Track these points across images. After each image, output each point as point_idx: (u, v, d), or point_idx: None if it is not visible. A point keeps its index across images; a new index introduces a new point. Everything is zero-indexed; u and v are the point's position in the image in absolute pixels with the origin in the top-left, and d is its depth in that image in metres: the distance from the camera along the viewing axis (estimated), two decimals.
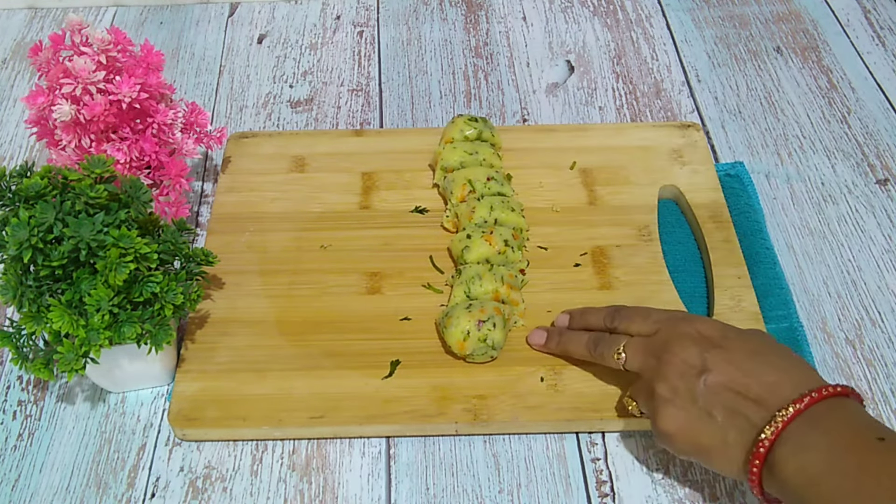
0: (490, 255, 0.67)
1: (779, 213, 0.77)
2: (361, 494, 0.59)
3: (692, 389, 0.52)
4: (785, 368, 0.51)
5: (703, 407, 0.51)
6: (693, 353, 0.53)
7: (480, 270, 0.66)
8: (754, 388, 0.50)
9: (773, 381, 0.50)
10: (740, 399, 0.50)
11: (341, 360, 0.64)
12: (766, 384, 0.50)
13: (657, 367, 0.54)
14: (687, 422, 0.52)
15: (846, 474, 0.45)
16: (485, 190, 0.71)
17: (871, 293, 0.70)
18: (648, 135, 0.81)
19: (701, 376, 0.52)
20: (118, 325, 0.56)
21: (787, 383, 0.49)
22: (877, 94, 0.88)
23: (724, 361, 0.52)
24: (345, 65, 0.93)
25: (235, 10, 1.01)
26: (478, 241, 0.67)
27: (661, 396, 0.53)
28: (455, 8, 1.01)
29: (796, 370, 0.51)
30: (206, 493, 0.59)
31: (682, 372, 0.53)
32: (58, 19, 1.00)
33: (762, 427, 0.48)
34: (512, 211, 0.70)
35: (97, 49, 0.65)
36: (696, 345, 0.53)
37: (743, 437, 0.50)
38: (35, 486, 0.60)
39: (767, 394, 0.49)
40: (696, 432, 0.52)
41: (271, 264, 0.71)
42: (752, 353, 0.52)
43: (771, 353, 0.52)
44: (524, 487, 0.59)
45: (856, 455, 0.45)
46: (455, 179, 0.72)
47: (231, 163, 0.79)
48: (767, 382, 0.50)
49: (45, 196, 0.56)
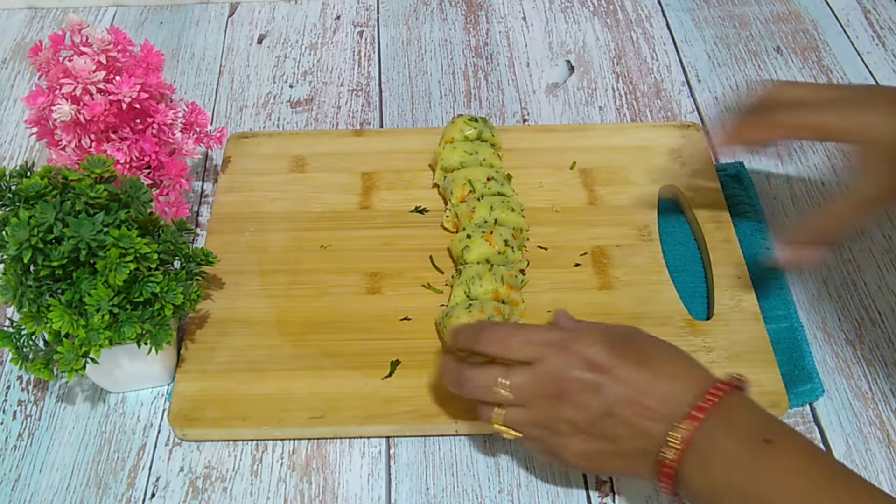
0: (490, 255, 0.67)
1: (779, 213, 0.77)
2: (361, 494, 0.59)
3: (595, 421, 0.51)
4: (674, 374, 0.51)
5: (608, 434, 0.51)
6: (589, 385, 0.51)
7: (480, 270, 0.66)
8: (651, 404, 0.50)
9: (668, 393, 0.50)
10: (640, 420, 0.50)
11: (341, 360, 0.64)
12: (661, 397, 0.50)
13: (553, 404, 0.52)
14: (595, 451, 0.52)
15: (741, 488, 0.47)
16: (485, 190, 0.71)
17: (871, 293, 0.70)
18: (648, 135, 0.81)
19: (601, 407, 0.51)
20: (118, 325, 0.56)
21: (680, 392, 0.50)
22: None
23: (618, 385, 0.51)
24: (345, 65, 0.93)
25: (235, 10, 1.01)
26: (478, 241, 0.67)
27: (562, 432, 0.53)
28: (455, 8, 1.01)
29: (685, 373, 0.51)
30: (206, 493, 0.59)
31: (582, 405, 0.51)
32: (58, 19, 1.00)
33: (662, 446, 0.49)
34: (512, 211, 0.70)
35: (97, 49, 0.65)
36: (589, 373, 0.51)
37: (646, 456, 0.51)
38: (35, 486, 0.60)
39: (664, 406, 0.50)
40: (605, 459, 0.53)
41: (271, 264, 0.71)
42: (642, 363, 0.51)
43: (658, 359, 0.52)
44: (524, 487, 0.59)
45: (747, 465, 0.47)
46: (455, 179, 0.72)
47: (231, 163, 0.79)
48: (663, 395, 0.50)
49: (45, 196, 0.56)
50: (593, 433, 0.52)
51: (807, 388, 0.63)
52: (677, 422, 0.49)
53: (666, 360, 0.52)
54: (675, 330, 0.65)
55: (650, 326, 0.65)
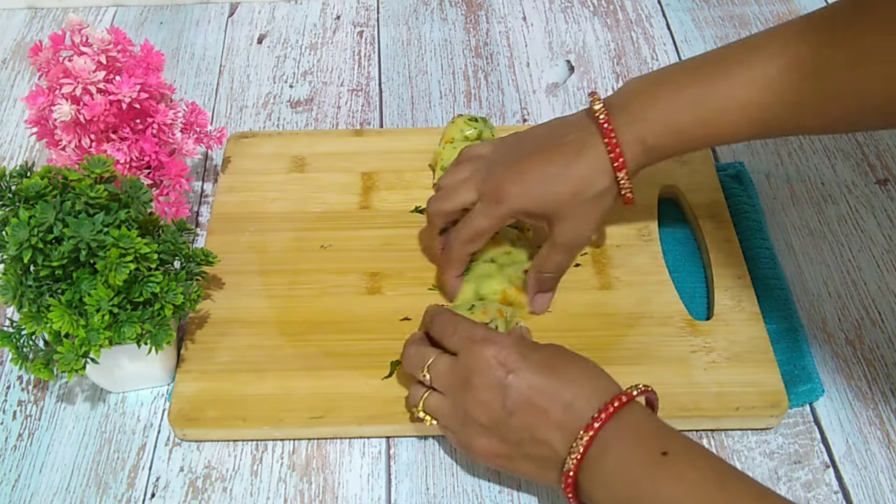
0: (495, 254, 0.67)
1: (779, 213, 0.77)
2: (361, 494, 0.59)
3: (498, 420, 0.53)
4: (578, 383, 0.52)
5: (511, 436, 0.53)
6: (495, 384, 0.53)
7: (490, 270, 0.66)
8: (552, 410, 0.51)
9: (569, 400, 0.51)
10: (541, 426, 0.51)
11: (341, 360, 0.64)
12: (562, 404, 0.51)
13: (463, 397, 0.54)
14: (500, 451, 0.54)
15: (639, 499, 0.47)
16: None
17: (871, 293, 0.70)
18: None
19: (504, 407, 0.52)
20: (118, 325, 0.56)
21: (581, 399, 0.51)
22: None
23: (522, 386, 0.52)
24: (345, 65, 0.93)
25: (235, 10, 1.01)
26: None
27: (470, 426, 0.54)
28: (455, 8, 1.01)
29: (588, 383, 0.52)
30: (206, 493, 0.59)
31: (486, 403, 0.53)
32: (58, 19, 1.00)
33: (565, 457, 0.50)
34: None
35: (97, 49, 0.65)
36: (497, 372, 0.53)
37: (549, 464, 0.52)
38: (35, 486, 0.60)
39: (564, 415, 0.51)
40: (511, 460, 0.54)
41: (271, 264, 0.71)
42: (548, 369, 0.52)
43: (566, 368, 0.53)
44: (524, 487, 0.59)
45: (645, 477, 0.48)
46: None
47: (231, 163, 0.79)
48: (564, 402, 0.51)
49: (45, 196, 0.56)
50: (498, 434, 0.53)
51: (807, 388, 0.63)
52: (577, 432, 0.50)
53: (574, 370, 0.53)
54: (675, 330, 0.65)
55: (650, 326, 0.65)
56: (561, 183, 0.61)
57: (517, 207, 0.62)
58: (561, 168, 0.61)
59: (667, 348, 0.64)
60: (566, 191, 0.61)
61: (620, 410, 0.50)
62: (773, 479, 0.59)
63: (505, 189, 0.62)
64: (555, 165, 0.61)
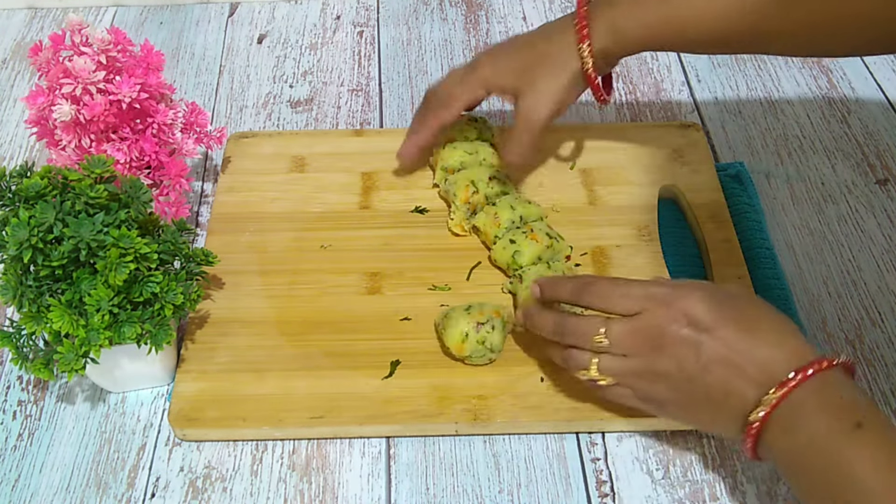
0: (541, 251, 0.67)
1: (779, 213, 0.77)
2: (361, 494, 0.59)
3: (691, 375, 0.53)
4: (775, 343, 0.52)
5: (701, 390, 0.53)
6: (688, 341, 0.53)
7: (542, 270, 0.66)
8: (748, 368, 0.51)
9: (766, 359, 0.51)
10: (734, 380, 0.51)
11: (341, 360, 0.64)
12: (758, 363, 0.51)
13: (651, 356, 0.54)
14: (688, 402, 0.54)
15: (821, 462, 0.47)
16: (488, 190, 0.71)
17: (871, 293, 0.70)
18: (648, 135, 0.81)
19: (698, 363, 0.52)
20: (118, 325, 0.56)
21: (778, 360, 0.50)
22: (877, 94, 0.88)
23: (718, 344, 0.52)
24: (345, 65, 0.93)
25: (235, 10, 1.01)
26: (526, 243, 0.67)
27: (659, 382, 0.54)
28: (455, 8, 1.01)
29: (786, 344, 0.52)
30: (206, 493, 0.59)
31: (679, 360, 0.53)
32: (58, 19, 1.00)
33: (753, 408, 0.50)
34: (529, 203, 0.70)
35: (97, 49, 0.65)
36: (689, 329, 0.53)
37: (736, 415, 0.52)
38: (35, 486, 0.60)
39: (759, 373, 0.51)
40: (696, 410, 0.54)
41: (271, 264, 0.71)
42: (744, 328, 0.52)
43: (761, 326, 0.53)
44: (524, 487, 0.59)
45: (832, 443, 0.47)
46: (457, 181, 0.72)
47: (231, 163, 0.79)
48: (759, 361, 0.51)
49: (45, 196, 0.56)
50: (687, 387, 0.53)
51: None
52: (769, 387, 0.50)
53: (769, 327, 0.53)
54: None
55: None
56: (527, 55, 0.67)
57: (487, 76, 0.69)
58: (531, 43, 0.68)
59: None
60: (530, 62, 0.67)
61: (819, 374, 0.49)
62: (773, 478, 0.59)
63: (480, 61, 0.70)
64: (527, 44, 0.68)
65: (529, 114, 0.67)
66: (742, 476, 0.59)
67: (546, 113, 0.67)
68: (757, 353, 0.51)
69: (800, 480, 0.49)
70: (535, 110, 0.67)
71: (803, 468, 0.49)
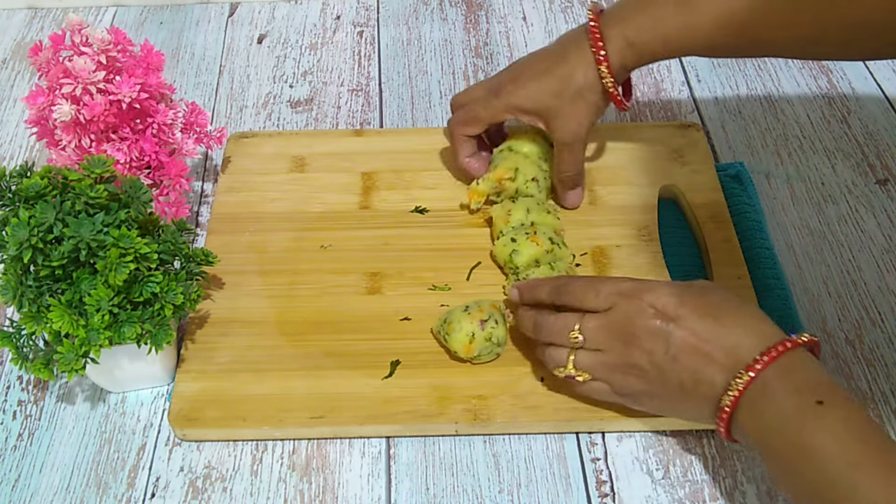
0: (539, 255, 0.67)
1: (779, 213, 0.77)
2: (361, 494, 0.59)
3: (661, 366, 0.55)
4: (741, 327, 0.53)
5: (673, 379, 0.54)
6: (656, 332, 0.54)
7: (545, 271, 0.66)
8: (715, 354, 0.53)
9: (732, 344, 0.53)
10: (704, 367, 0.53)
11: (341, 360, 0.64)
12: (725, 348, 0.53)
13: (623, 349, 0.56)
14: (660, 392, 0.56)
15: (786, 439, 0.49)
16: (522, 186, 0.71)
17: (871, 293, 0.70)
18: (648, 135, 0.81)
19: (667, 353, 0.54)
20: (118, 325, 0.56)
21: (745, 344, 0.52)
22: (877, 94, 0.88)
23: (685, 333, 0.54)
24: (345, 65, 0.93)
25: (235, 10, 1.01)
26: (525, 244, 0.67)
27: (631, 375, 0.56)
28: (455, 8, 1.01)
29: (752, 328, 0.53)
30: (206, 493, 0.59)
31: (649, 351, 0.55)
32: (58, 19, 1.00)
33: (723, 392, 0.52)
34: (548, 213, 0.70)
35: (97, 49, 0.65)
36: (657, 320, 0.55)
37: (707, 401, 0.54)
38: (35, 486, 0.60)
39: (727, 358, 0.52)
40: (669, 400, 0.56)
41: (271, 264, 0.71)
42: (709, 315, 0.54)
43: (726, 312, 0.54)
44: (524, 487, 0.59)
45: (796, 421, 0.49)
46: (505, 159, 0.73)
47: (231, 163, 0.79)
48: (726, 346, 0.53)
49: (45, 196, 0.56)
50: (659, 377, 0.55)
51: None
52: (738, 371, 0.52)
53: (734, 313, 0.54)
54: None
55: None
56: (549, 80, 0.69)
57: (512, 102, 0.70)
58: (550, 66, 0.69)
59: None
60: (553, 88, 0.68)
61: (784, 355, 0.51)
62: (773, 478, 0.59)
63: (502, 86, 0.71)
64: (545, 64, 0.69)
65: (565, 136, 0.70)
66: (742, 476, 0.59)
67: (581, 133, 0.70)
68: (724, 339, 0.53)
69: (770, 459, 0.51)
70: (570, 131, 0.69)
71: (772, 447, 0.50)
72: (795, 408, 0.50)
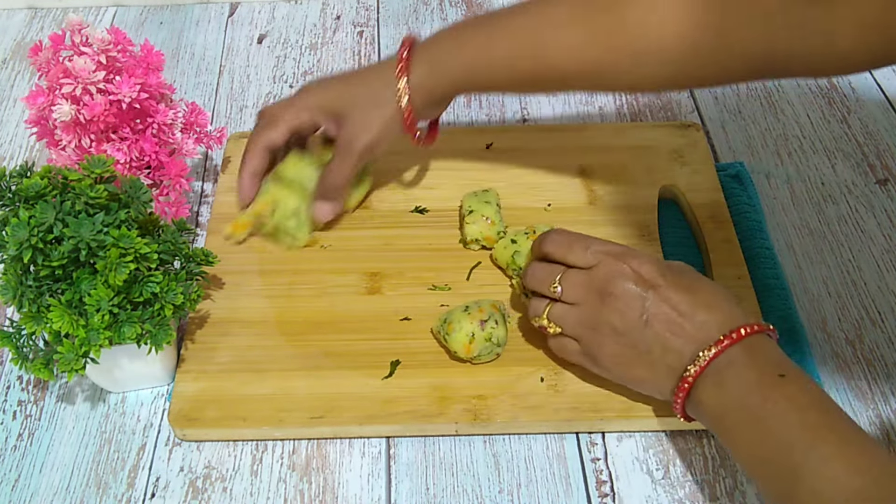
0: None
1: (779, 213, 0.77)
2: (361, 494, 0.59)
3: (633, 328, 0.56)
4: (714, 307, 0.55)
5: (641, 344, 0.56)
6: (634, 295, 0.56)
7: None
8: (687, 326, 0.55)
9: (703, 320, 0.55)
10: (674, 337, 0.55)
11: (341, 360, 0.64)
12: (697, 322, 0.55)
13: (598, 306, 0.57)
14: (626, 356, 0.57)
15: (749, 408, 0.52)
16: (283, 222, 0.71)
17: (871, 293, 0.70)
18: (648, 135, 0.81)
19: (641, 317, 0.56)
20: (118, 325, 0.56)
21: (714, 322, 0.54)
22: (877, 93, 0.88)
23: (661, 302, 0.56)
24: (345, 65, 0.93)
25: (235, 10, 1.01)
26: (526, 244, 0.67)
27: (601, 331, 0.57)
28: (455, 8, 1.01)
29: (722, 308, 0.55)
30: (206, 493, 0.59)
31: (623, 311, 0.56)
32: (58, 19, 1.00)
33: (688, 364, 0.54)
34: None
35: (97, 49, 0.65)
36: (636, 285, 0.56)
37: (671, 372, 0.55)
38: (35, 486, 0.60)
39: (697, 332, 0.55)
40: (633, 366, 0.57)
41: (271, 264, 0.71)
42: (686, 290, 0.56)
43: (701, 290, 0.56)
44: (524, 487, 0.59)
45: (759, 391, 0.52)
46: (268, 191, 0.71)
47: (231, 163, 0.79)
48: (698, 321, 0.55)
49: (45, 196, 0.56)
50: (628, 340, 0.56)
51: None
52: (705, 345, 0.54)
53: (708, 292, 0.56)
54: None
55: None
56: (351, 87, 0.69)
57: (311, 102, 0.69)
58: (357, 77, 0.70)
59: None
60: (353, 93, 0.68)
61: (749, 336, 0.54)
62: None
63: (307, 88, 0.71)
64: (354, 75, 0.71)
65: (344, 141, 0.68)
66: (742, 476, 0.59)
67: (362, 143, 0.68)
68: (696, 314, 0.55)
69: (729, 433, 0.53)
70: (351, 138, 0.68)
71: (733, 420, 0.52)
72: (758, 381, 0.52)
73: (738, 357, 0.53)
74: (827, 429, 0.49)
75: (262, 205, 0.71)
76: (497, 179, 0.76)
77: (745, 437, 0.52)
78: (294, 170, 0.71)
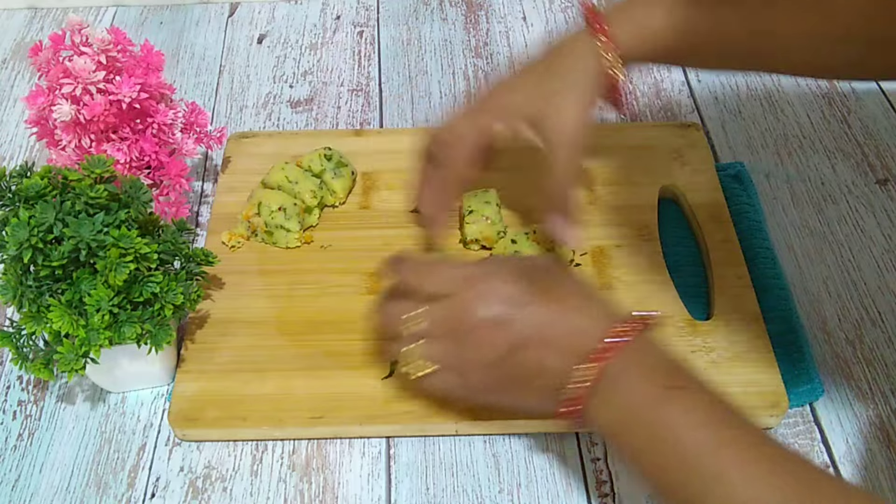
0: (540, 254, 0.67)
1: (779, 213, 0.77)
2: (361, 494, 0.59)
3: (504, 357, 0.52)
4: (585, 313, 0.52)
5: (513, 372, 0.52)
6: (497, 322, 0.52)
7: None
8: (560, 342, 0.51)
9: (576, 331, 0.51)
10: (548, 356, 0.51)
11: (341, 360, 0.64)
12: (571, 334, 0.51)
13: (463, 338, 0.53)
14: (499, 386, 0.54)
15: (638, 432, 0.48)
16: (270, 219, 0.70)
17: (871, 293, 0.70)
18: (648, 135, 0.81)
19: (508, 344, 0.52)
20: (118, 325, 0.56)
21: (590, 332, 0.50)
22: (877, 94, 0.88)
23: (528, 322, 0.52)
24: (345, 65, 0.93)
25: (235, 10, 1.01)
26: (526, 245, 0.67)
27: (472, 366, 0.53)
28: (455, 8, 1.01)
29: (595, 314, 0.52)
30: (206, 493, 0.59)
31: (491, 342, 0.52)
32: (58, 19, 1.00)
33: (568, 384, 0.50)
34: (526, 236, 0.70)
35: (97, 49, 0.65)
36: (498, 308, 0.52)
37: (553, 394, 0.51)
38: (35, 486, 0.60)
39: (571, 346, 0.50)
40: (509, 394, 0.54)
41: (271, 264, 0.71)
42: (553, 301, 0.52)
43: (569, 296, 0.53)
44: (524, 487, 0.59)
45: (645, 411, 0.48)
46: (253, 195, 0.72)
47: (231, 163, 0.79)
48: (571, 334, 0.51)
49: (45, 196, 0.56)
50: (502, 369, 0.53)
51: (807, 388, 0.63)
52: (583, 360, 0.50)
53: (577, 296, 0.53)
54: (675, 330, 0.65)
55: None
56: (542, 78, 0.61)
57: (498, 113, 0.62)
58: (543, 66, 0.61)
59: None
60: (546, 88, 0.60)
61: (630, 343, 0.50)
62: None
63: (488, 97, 0.63)
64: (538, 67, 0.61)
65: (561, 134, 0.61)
66: None
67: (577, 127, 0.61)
68: (568, 326, 0.51)
69: (624, 449, 0.50)
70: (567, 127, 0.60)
71: (626, 438, 0.49)
72: (648, 396, 0.48)
73: (621, 371, 0.49)
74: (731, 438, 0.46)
75: (248, 209, 0.71)
76: (497, 179, 0.76)
77: (642, 457, 0.49)
78: (279, 175, 0.72)
